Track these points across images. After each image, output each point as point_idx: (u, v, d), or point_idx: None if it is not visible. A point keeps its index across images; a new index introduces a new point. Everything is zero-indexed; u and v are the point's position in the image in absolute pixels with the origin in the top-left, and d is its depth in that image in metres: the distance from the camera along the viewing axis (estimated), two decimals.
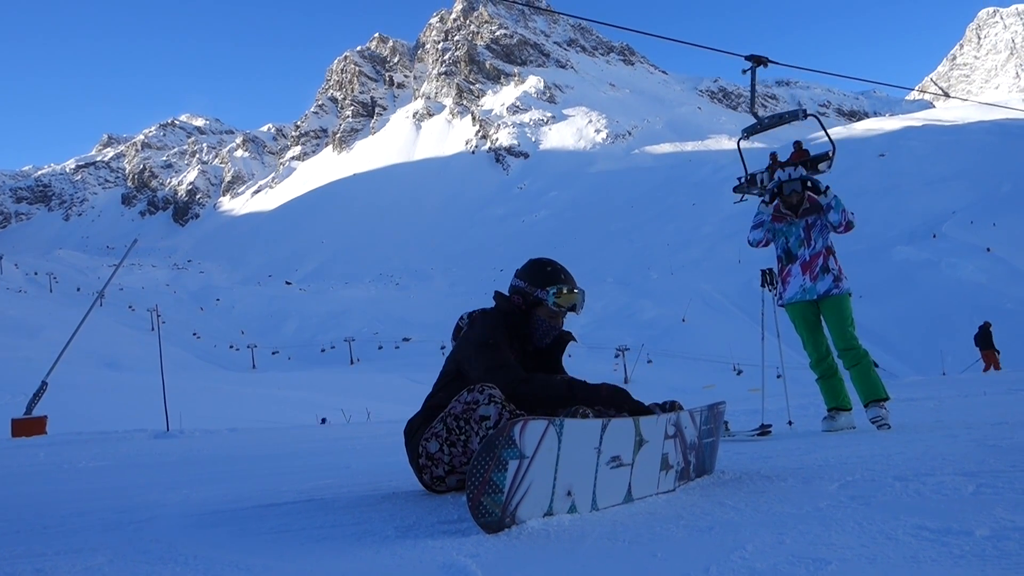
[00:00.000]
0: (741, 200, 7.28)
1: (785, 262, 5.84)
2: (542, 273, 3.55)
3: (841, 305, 5.59)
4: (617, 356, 61.42)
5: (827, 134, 6.90)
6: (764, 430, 5.37)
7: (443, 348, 74.10)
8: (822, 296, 5.62)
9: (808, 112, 6.87)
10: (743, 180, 6.83)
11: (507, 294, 3.60)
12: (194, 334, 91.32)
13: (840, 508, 2.44)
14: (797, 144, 6.52)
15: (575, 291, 3.55)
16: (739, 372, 53.80)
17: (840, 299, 5.59)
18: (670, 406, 3.18)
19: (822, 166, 6.39)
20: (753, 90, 7.60)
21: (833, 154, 6.45)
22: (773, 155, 6.68)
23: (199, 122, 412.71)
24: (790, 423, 6.13)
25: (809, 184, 5.77)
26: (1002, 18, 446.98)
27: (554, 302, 3.50)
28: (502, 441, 2.32)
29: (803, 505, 2.52)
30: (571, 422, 2.53)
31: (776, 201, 5.84)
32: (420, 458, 3.33)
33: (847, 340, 5.52)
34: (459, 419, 3.15)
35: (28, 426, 13.46)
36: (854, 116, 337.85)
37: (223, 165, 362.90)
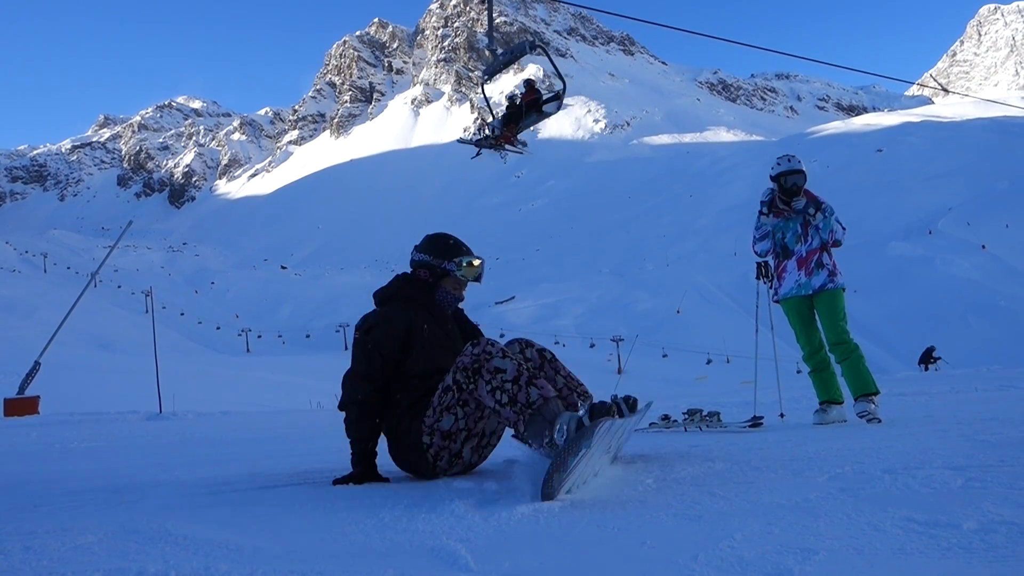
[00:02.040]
0: (477, 155, 7.32)
1: (781, 258, 5.84)
2: (445, 246, 3.70)
3: (834, 299, 5.60)
4: (616, 343, 61.44)
5: (557, 72, 6.68)
6: (756, 422, 5.38)
7: None
8: (816, 291, 5.64)
9: (536, 44, 6.58)
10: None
11: (409, 272, 3.76)
12: (181, 313, 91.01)
13: (829, 499, 2.45)
14: (529, 83, 6.44)
15: (477, 262, 3.70)
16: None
17: (834, 293, 5.61)
18: (629, 404, 3.21)
19: (549, 107, 6.21)
20: (491, 22, 7.33)
21: (563, 93, 6.27)
22: (528, 82, 6.70)
23: (196, 104, 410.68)
24: (782, 415, 6.15)
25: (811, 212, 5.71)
26: (1003, 15, 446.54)
27: (461, 273, 3.66)
28: (588, 434, 2.67)
29: (792, 496, 2.53)
30: (620, 421, 3.00)
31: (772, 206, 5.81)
32: (430, 449, 3.32)
33: (838, 334, 5.54)
34: (468, 370, 3.13)
35: (21, 406, 13.44)
36: (853, 111, 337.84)
37: (220, 148, 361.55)
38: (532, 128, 7.00)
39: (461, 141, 7.41)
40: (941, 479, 2.69)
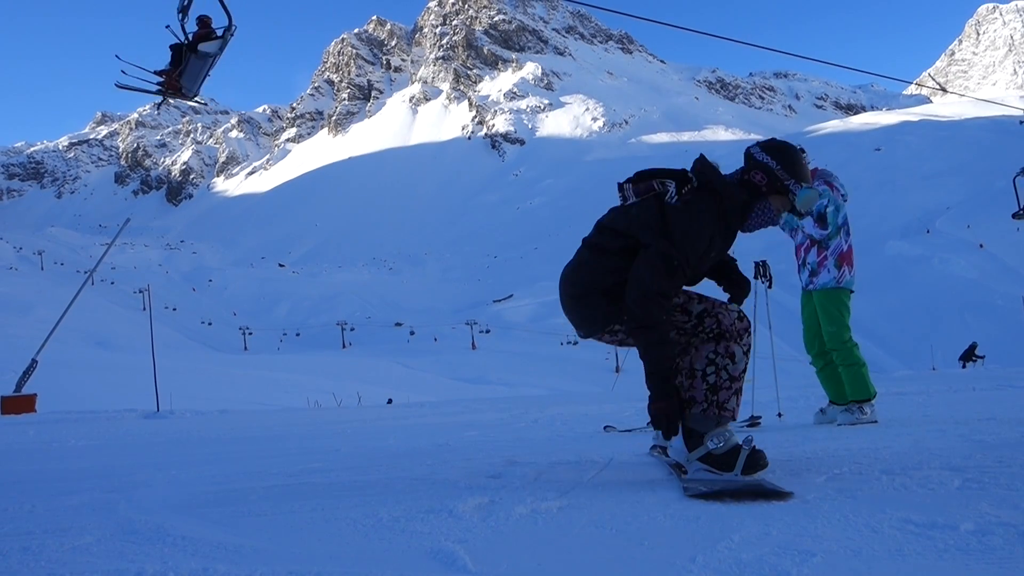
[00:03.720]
0: None
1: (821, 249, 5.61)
2: (798, 164, 3.09)
3: (817, 300, 5.53)
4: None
5: (224, 6, 6.37)
6: (753, 421, 5.39)
7: (436, 340, 74.10)
8: (805, 290, 5.63)
9: None
10: None
11: (739, 171, 3.14)
12: (172, 308, 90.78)
13: (827, 500, 2.45)
14: (201, 19, 6.08)
15: (816, 196, 3.12)
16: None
17: (811, 295, 5.56)
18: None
19: (206, 46, 5.82)
20: None
21: (230, 32, 5.88)
22: (201, 18, 6.28)
23: (193, 102, 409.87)
24: (780, 415, 6.15)
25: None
26: (1001, 14, 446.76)
27: (800, 201, 3.06)
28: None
29: (789, 497, 2.53)
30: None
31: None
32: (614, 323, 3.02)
33: (827, 339, 5.47)
34: (716, 330, 2.95)
35: (17, 404, 13.41)
36: (851, 110, 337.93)
37: (217, 146, 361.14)
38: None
39: (119, 86, 6.87)
40: (939, 480, 2.70)
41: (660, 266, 2.85)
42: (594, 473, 3.26)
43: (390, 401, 18.11)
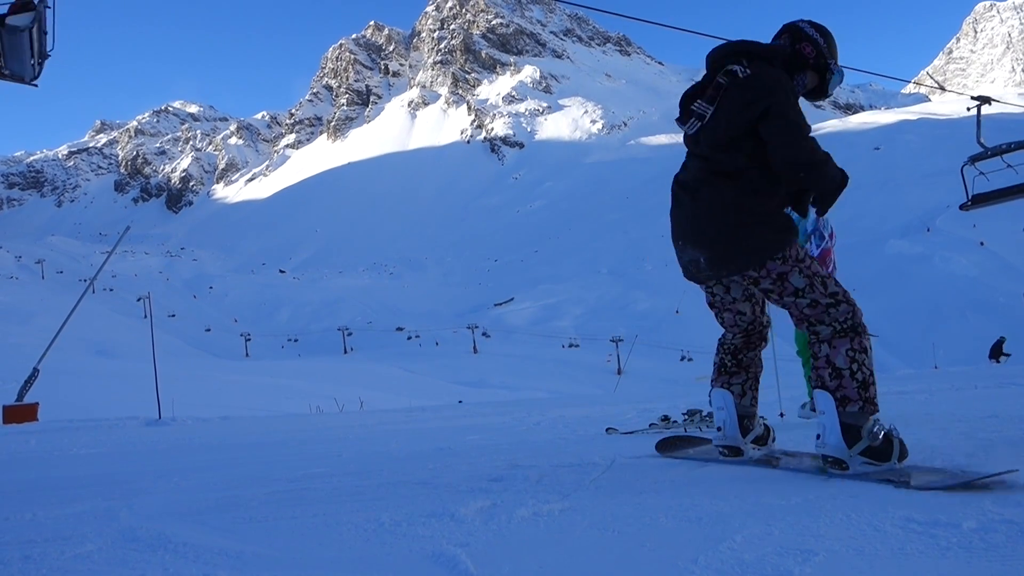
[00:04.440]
0: None
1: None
2: (835, 46, 3.23)
3: None
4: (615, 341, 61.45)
5: None
6: None
7: (437, 344, 74.03)
8: None
9: None
10: None
11: (785, 42, 3.21)
12: (173, 315, 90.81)
13: (829, 500, 2.45)
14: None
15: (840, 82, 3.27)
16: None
17: None
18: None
19: (15, 20, 5.30)
20: None
21: (43, 2, 5.31)
22: None
23: (193, 109, 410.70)
24: (781, 415, 6.14)
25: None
26: (999, 12, 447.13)
27: (833, 80, 3.22)
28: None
29: (792, 497, 2.53)
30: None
31: None
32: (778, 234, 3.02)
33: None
34: (843, 319, 2.94)
35: (19, 413, 13.40)
36: (850, 109, 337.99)
37: (217, 152, 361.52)
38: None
39: None
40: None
41: (791, 121, 2.90)
42: (596, 475, 3.26)
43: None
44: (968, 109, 6.31)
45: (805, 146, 2.89)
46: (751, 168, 3.01)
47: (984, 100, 5.74)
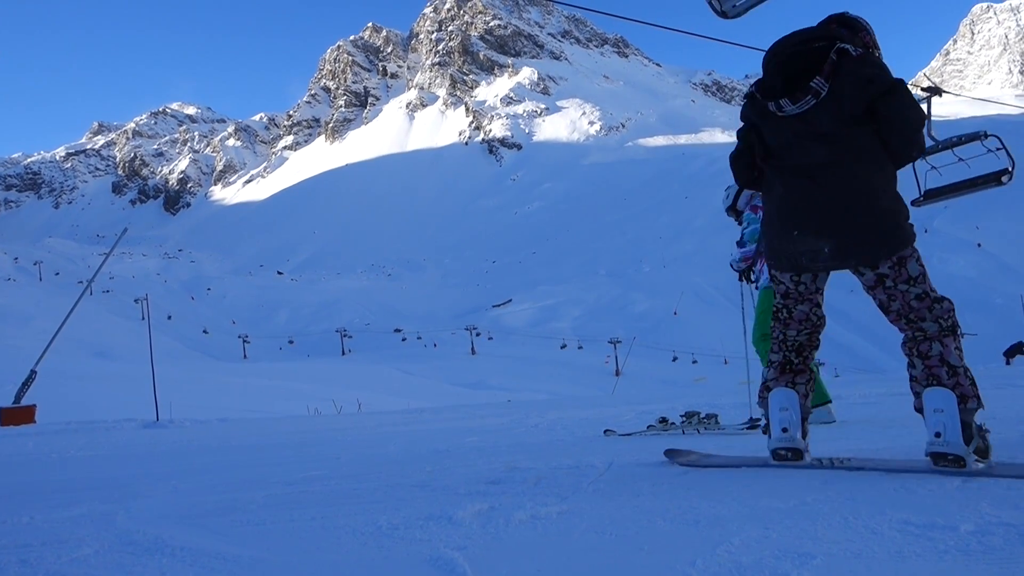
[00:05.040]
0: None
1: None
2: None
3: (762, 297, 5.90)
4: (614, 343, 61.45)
5: None
6: (753, 424, 5.38)
7: (435, 345, 74.01)
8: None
9: None
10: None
11: (845, 32, 3.16)
12: (170, 317, 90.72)
13: (826, 502, 2.45)
14: None
15: None
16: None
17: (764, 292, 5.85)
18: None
19: None
20: None
21: None
22: None
23: (191, 110, 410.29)
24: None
25: None
26: (995, 13, 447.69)
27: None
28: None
29: (789, 499, 2.53)
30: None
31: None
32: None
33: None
34: (944, 318, 2.97)
35: (17, 415, 13.39)
36: None
37: (215, 154, 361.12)
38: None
39: None
40: (938, 480, 2.70)
41: (915, 102, 2.91)
42: (594, 478, 3.26)
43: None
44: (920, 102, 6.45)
45: (921, 129, 2.92)
46: (877, 146, 2.95)
47: (934, 91, 5.90)
